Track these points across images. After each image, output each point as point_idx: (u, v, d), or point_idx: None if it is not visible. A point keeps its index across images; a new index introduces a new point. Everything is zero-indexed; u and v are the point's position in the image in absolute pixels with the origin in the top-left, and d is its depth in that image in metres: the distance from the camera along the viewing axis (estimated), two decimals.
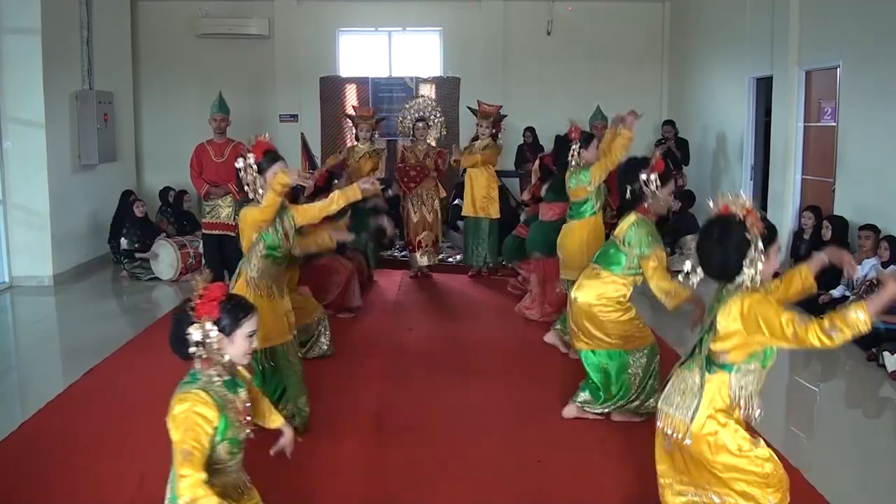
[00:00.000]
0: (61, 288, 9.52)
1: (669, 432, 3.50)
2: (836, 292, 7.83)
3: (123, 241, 10.14)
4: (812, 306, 7.98)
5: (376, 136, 10.08)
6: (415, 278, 9.91)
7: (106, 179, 11.05)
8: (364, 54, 13.86)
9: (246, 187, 4.92)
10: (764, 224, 3.25)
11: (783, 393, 6.38)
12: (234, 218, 8.72)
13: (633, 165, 5.10)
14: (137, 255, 10.02)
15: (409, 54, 13.90)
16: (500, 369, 6.50)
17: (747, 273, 3.24)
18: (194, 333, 3.02)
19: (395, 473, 4.56)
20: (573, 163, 6.82)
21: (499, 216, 9.86)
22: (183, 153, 9.35)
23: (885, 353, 6.38)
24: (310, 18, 13.37)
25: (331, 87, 13.26)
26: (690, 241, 10.00)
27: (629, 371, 5.25)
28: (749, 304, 3.18)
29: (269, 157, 4.97)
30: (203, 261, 9.24)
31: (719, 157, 11.84)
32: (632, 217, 5.07)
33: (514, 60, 13.62)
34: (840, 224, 8.21)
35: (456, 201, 11.59)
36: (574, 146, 6.96)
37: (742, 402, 3.46)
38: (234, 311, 3.05)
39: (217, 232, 8.72)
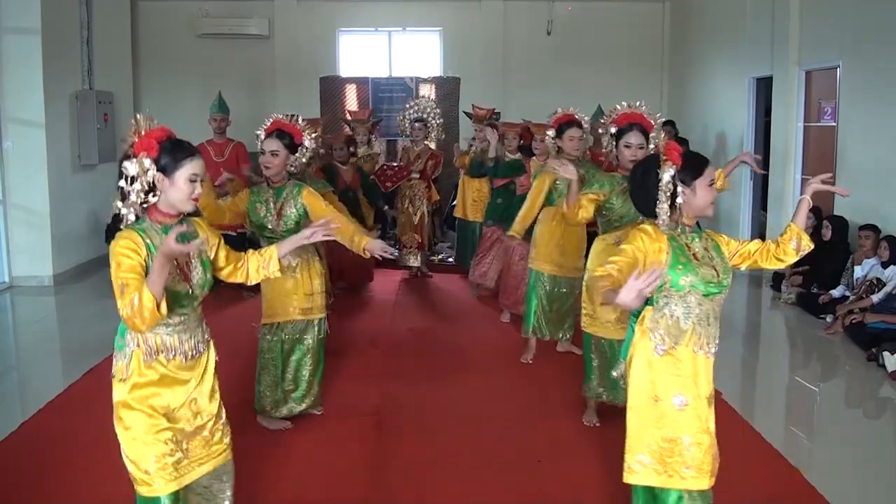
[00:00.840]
0: (61, 288, 9.52)
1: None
2: (836, 292, 7.84)
3: None
4: (812, 305, 8.01)
5: (374, 138, 10.07)
6: (414, 278, 9.92)
7: (106, 179, 11.02)
8: (364, 54, 13.88)
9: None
10: (688, 157, 3.19)
11: (783, 393, 6.39)
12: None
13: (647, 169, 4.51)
14: None
15: (409, 54, 13.91)
16: (500, 368, 6.49)
17: (662, 208, 3.16)
18: (129, 168, 3.02)
19: (396, 473, 4.55)
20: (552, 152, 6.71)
21: None
22: None
23: (885, 353, 6.38)
24: (310, 18, 13.37)
25: (331, 87, 13.25)
26: None
27: None
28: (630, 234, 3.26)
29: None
30: None
31: (719, 158, 11.82)
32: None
33: (514, 60, 13.63)
34: (840, 224, 8.21)
35: (455, 202, 11.59)
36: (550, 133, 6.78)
37: (667, 333, 3.22)
38: (173, 150, 3.06)
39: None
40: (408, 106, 10.12)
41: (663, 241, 3.17)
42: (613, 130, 4.90)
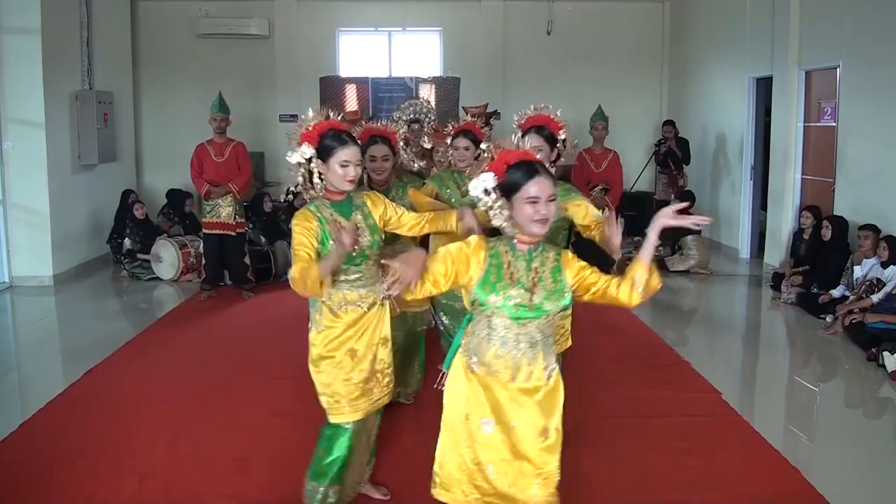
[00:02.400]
0: (61, 288, 9.52)
1: None
2: (835, 292, 7.84)
3: (127, 242, 10.13)
4: (812, 305, 8.01)
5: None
6: None
7: (106, 179, 11.05)
8: (364, 54, 13.86)
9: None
10: (513, 169, 2.92)
11: (783, 393, 6.38)
12: (235, 218, 8.73)
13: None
14: (140, 256, 10.02)
15: (409, 54, 13.89)
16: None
17: (496, 219, 2.98)
18: (292, 156, 3.56)
19: (397, 472, 4.55)
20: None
21: None
22: (183, 153, 9.35)
23: (885, 353, 6.38)
24: (310, 18, 13.37)
25: (331, 87, 13.26)
26: (691, 241, 10.09)
27: None
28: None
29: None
30: (203, 260, 9.24)
31: (719, 157, 11.85)
32: None
33: (514, 60, 13.63)
34: (840, 224, 8.22)
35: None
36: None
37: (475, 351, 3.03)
38: (328, 140, 3.53)
39: (217, 231, 8.72)
40: (403, 106, 10.09)
41: (480, 255, 2.98)
42: (520, 134, 4.61)
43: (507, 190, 2.92)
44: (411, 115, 9.51)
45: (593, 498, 4.30)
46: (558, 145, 4.51)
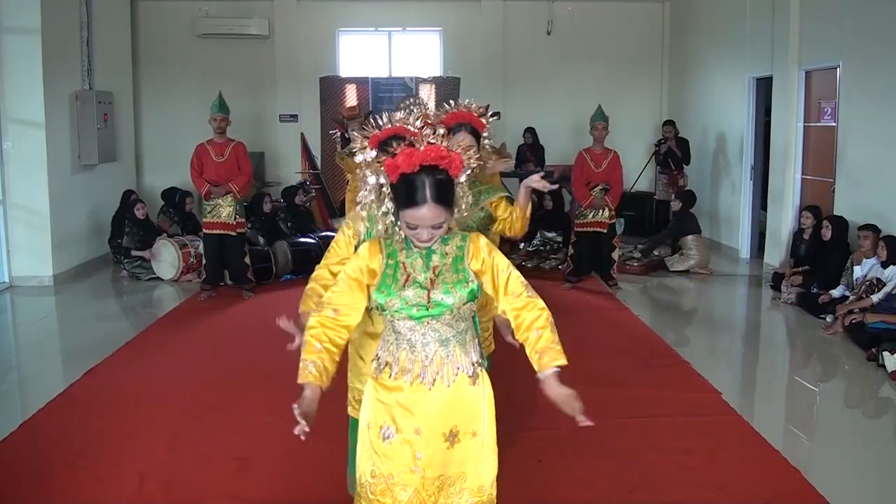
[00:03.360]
0: (61, 288, 9.52)
1: None
2: (835, 292, 7.83)
3: (125, 240, 10.13)
4: (812, 305, 8.01)
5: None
6: None
7: (106, 179, 11.05)
8: (364, 54, 13.88)
9: None
10: (402, 181, 2.68)
11: (783, 393, 6.39)
12: (235, 218, 8.73)
13: None
14: (135, 252, 10.00)
15: (409, 54, 13.91)
16: (502, 367, 6.48)
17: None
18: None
19: None
20: None
21: None
22: (183, 153, 9.35)
23: (885, 353, 6.37)
24: (310, 18, 13.38)
25: (331, 88, 13.27)
26: (691, 241, 10.09)
27: None
28: None
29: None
30: (203, 260, 9.23)
31: (719, 157, 11.85)
32: None
33: (514, 60, 13.64)
34: (840, 224, 8.21)
35: None
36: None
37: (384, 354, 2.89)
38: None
39: (218, 231, 8.72)
40: (402, 106, 10.05)
41: (377, 260, 2.81)
42: (442, 131, 4.32)
43: (395, 199, 2.71)
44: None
45: (593, 498, 4.30)
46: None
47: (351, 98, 13.24)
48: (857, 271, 7.68)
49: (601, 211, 9.03)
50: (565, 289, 9.27)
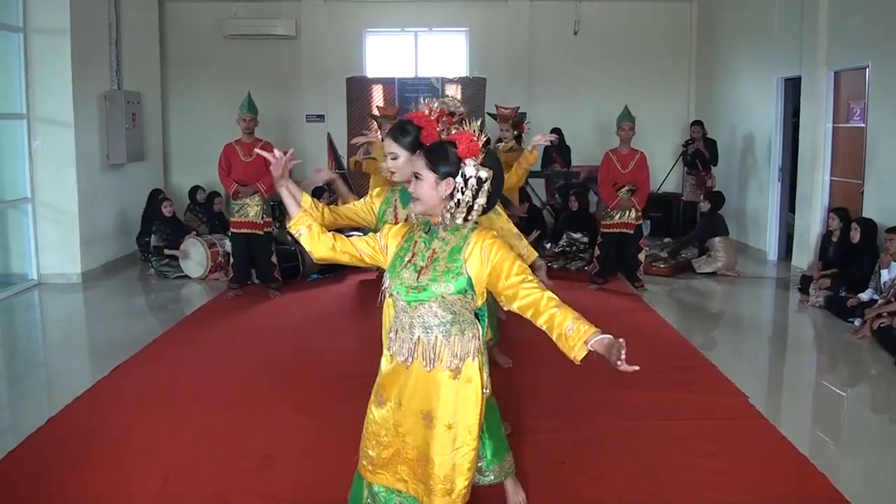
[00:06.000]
0: (89, 285, 9.61)
1: None
2: (864, 296, 7.75)
3: (153, 238, 10.21)
4: (840, 309, 7.93)
5: None
6: None
7: (134, 178, 11.14)
8: (390, 55, 13.91)
9: None
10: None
11: (809, 398, 6.32)
12: (263, 217, 8.78)
13: None
14: (167, 251, 10.07)
15: (435, 55, 13.92)
16: (524, 369, 6.47)
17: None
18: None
19: None
20: None
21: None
22: (210, 153, 9.41)
23: None
24: (336, 19, 13.42)
25: (357, 88, 13.29)
26: (718, 243, 10.03)
27: None
28: None
29: None
30: (231, 260, 9.28)
31: (747, 158, 11.76)
32: None
33: (540, 61, 13.61)
34: (868, 226, 8.13)
35: None
36: None
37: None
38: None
39: (245, 231, 8.78)
40: (437, 100, 10.05)
41: (396, 241, 3.06)
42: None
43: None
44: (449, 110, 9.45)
45: (617, 500, 4.28)
46: None
47: (377, 98, 13.26)
48: (885, 275, 7.59)
49: (628, 212, 8.99)
50: (591, 290, 9.24)
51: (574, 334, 2.81)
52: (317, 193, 11.22)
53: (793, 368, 7.12)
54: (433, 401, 3.00)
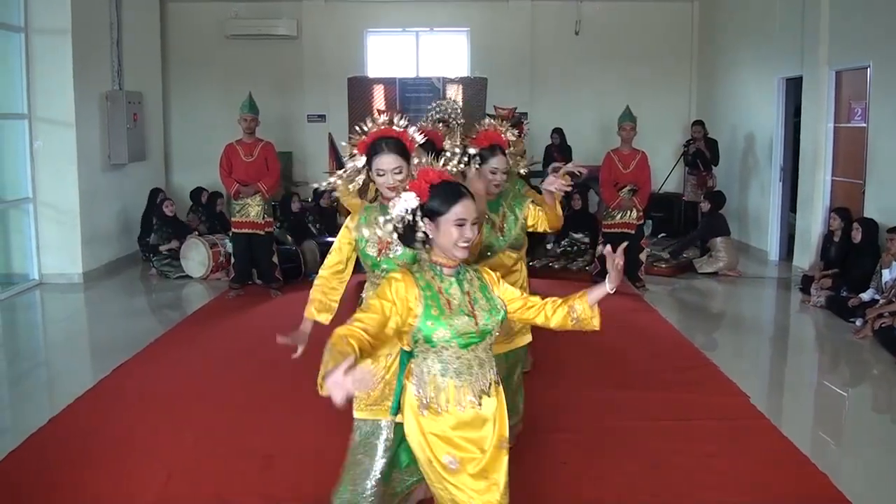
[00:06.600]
0: (91, 285, 9.61)
1: None
2: (865, 296, 7.75)
3: (153, 238, 10.22)
4: (841, 309, 7.93)
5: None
6: None
7: (135, 178, 11.15)
8: (391, 55, 13.91)
9: None
10: (438, 190, 2.79)
11: (810, 398, 6.32)
12: (263, 217, 8.78)
13: None
14: (162, 247, 10.08)
15: (437, 55, 13.92)
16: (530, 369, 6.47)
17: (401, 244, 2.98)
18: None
19: None
20: None
21: None
22: (211, 153, 9.42)
23: None
24: (338, 19, 13.42)
25: (358, 88, 13.26)
26: (720, 243, 10.02)
27: None
28: None
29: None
30: (232, 260, 9.28)
31: (748, 158, 11.76)
32: None
33: (541, 61, 13.61)
34: (870, 226, 8.12)
35: None
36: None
37: (426, 389, 2.88)
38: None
39: (246, 231, 8.79)
40: (432, 105, 10.09)
41: (414, 292, 2.80)
42: (473, 151, 4.17)
43: (430, 212, 2.79)
44: (437, 116, 9.47)
45: (618, 501, 4.28)
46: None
47: (379, 98, 13.25)
48: (886, 275, 7.59)
49: (629, 212, 8.99)
50: None
51: (582, 314, 3.02)
52: (317, 197, 11.22)
53: (794, 368, 7.12)
54: (500, 425, 2.96)
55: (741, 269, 10.20)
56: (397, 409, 3.02)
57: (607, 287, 3.01)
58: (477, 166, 4.14)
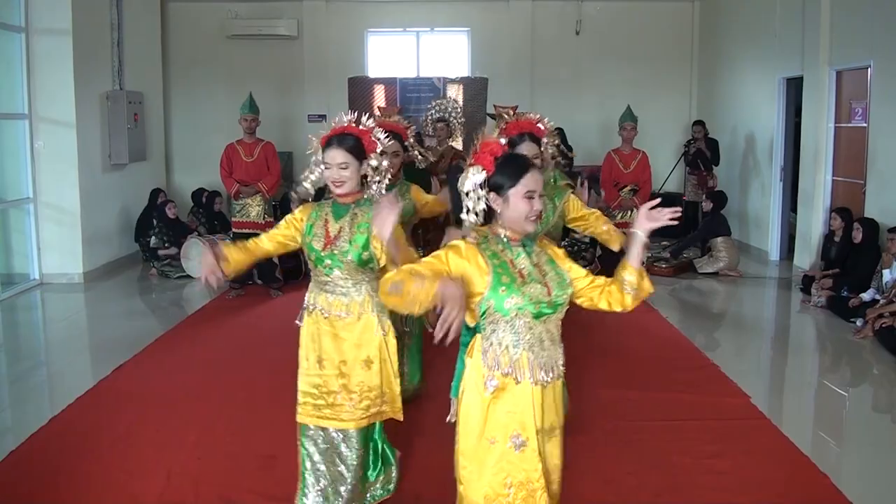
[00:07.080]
0: (91, 285, 9.62)
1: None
2: (865, 296, 7.75)
3: (153, 240, 10.23)
4: (842, 309, 7.93)
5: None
6: None
7: (136, 179, 11.15)
8: (392, 55, 13.90)
9: None
10: (504, 163, 2.80)
11: (811, 398, 6.32)
12: (264, 217, 8.79)
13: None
14: (161, 252, 10.09)
15: (437, 55, 13.92)
16: None
17: (469, 217, 2.84)
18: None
19: (416, 472, 4.54)
20: None
21: None
22: (212, 153, 9.43)
23: None
24: (338, 19, 13.42)
25: (359, 88, 13.27)
26: (720, 243, 10.02)
27: None
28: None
29: None
30: None
31: (749, 158, 11.75)
32: None
33: (542, 61, 13.60)
34: (871, 226, 8.12)
35: None
36: None
37: (497, 364, 2.80)
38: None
39: (247, 231, 8.77)
40: (430, 105, 10.08)
41: (478, 259, 2.76)
42: (504, 141, 4.36)
43: (498, 185, 2.78)
44: (437, 115, 9.48)
45: (620, 501, 4.28)
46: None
47: (379, 98, 13.24)
48: (887, 275, 7.59)
49: (630, 212, 8.99)
50: None
51: (636, 283, 3.02)
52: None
53: (795, 368, 7.11)
54: (560, 411, 2.94)
55: (742, 269, 10.20)
56: (458, 390, 2.97)
57: (639, 234, 3.00)
58: None
